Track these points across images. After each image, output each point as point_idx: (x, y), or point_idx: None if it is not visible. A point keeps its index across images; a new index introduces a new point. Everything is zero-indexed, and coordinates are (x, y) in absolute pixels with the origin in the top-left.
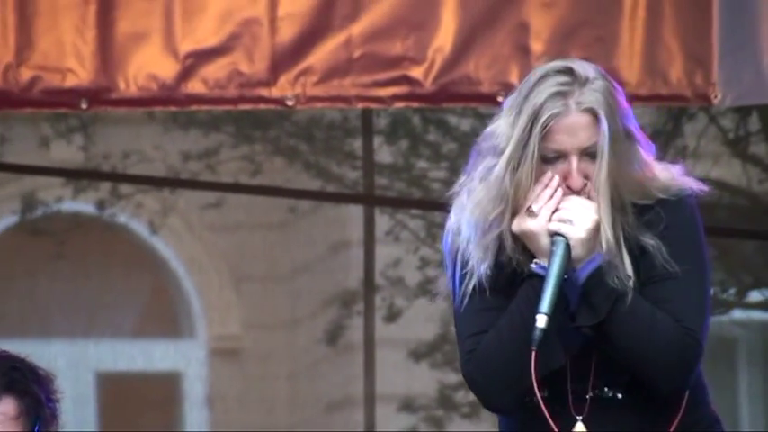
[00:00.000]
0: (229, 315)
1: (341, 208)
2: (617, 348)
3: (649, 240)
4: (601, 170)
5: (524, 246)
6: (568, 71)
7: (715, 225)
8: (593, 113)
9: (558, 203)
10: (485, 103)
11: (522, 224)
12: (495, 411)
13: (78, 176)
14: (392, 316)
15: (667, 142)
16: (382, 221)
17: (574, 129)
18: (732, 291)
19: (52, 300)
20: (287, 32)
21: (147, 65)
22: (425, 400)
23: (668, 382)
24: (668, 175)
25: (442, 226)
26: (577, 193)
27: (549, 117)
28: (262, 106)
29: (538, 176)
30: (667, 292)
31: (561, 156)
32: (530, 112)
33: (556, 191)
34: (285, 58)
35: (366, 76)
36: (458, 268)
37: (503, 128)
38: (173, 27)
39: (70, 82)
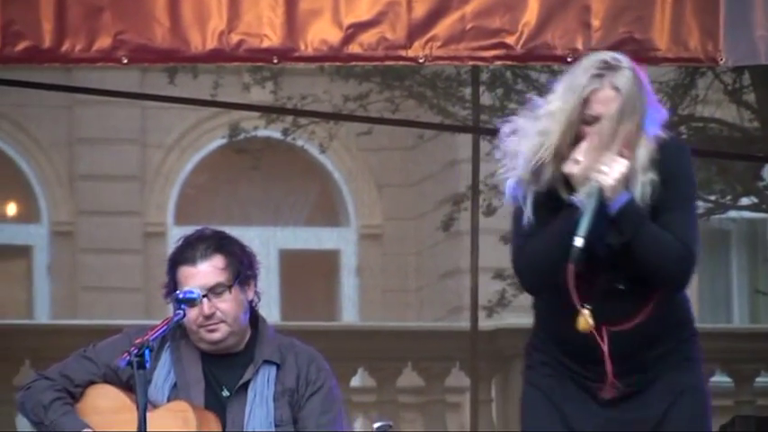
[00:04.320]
0: (375, 210)
1: (455, 136)
2: (637, 258)
3: (655, 178)
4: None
5: (566, 182)
6: (605, 62)
7: (718, 150)
8: (619, 90)
9: (598, 157)
10: (557, 62)
11: (570, 167)
12: (529, 292)
13: (269, 111)
14: (490, 212)
15: (685, 91)
16: (484, 145)
17: (606, 100)
18: (729, 197)
19: (250, 198)
20: (419, 11)
21: (320, 33)
22: (511, 271)
23: (672, 282)
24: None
25: None
26: None
27: (590, 91)
28: (401, 63)
29: (578, 134)
30: (672, 218)
31: (597, 119)
32: (577, 89)
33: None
34: (418, 29)
35: (475, 42)
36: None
37: (556, 100)
38: (339, 6)
39: (266, 44)
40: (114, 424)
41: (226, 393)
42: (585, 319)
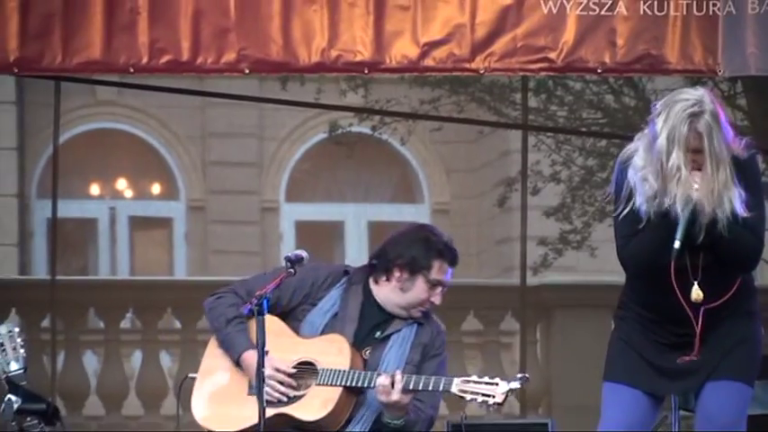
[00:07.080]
0: (443, 191)
1: (508, 132)
2: (720, 251)
3: (739, 193)
4: (706, 160)
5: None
6: (692, 114)
7: None
8: (700, 133)
9: (691, 177)
10: (589, 73)
11: (695, 194)
12: (634, 277)
13: (361, 111)
14: (535, 191)
15: None
16: (531, 139)
17: (688, 141)
18: None
19: (345, 181)
20: (481, 32)
21: (402, 49)
22: (552, 238)
23: (745, 268)
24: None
25: (564, 142)
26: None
27: (682, 135)
28: (465, 73)
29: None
30: (749, 218)
31: (699, 151)
32: (672, 132)
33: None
34: (479, 47)
35: (524, 57)
36: (622, 192)
37: (662, 137)
38: (416, 28)
39: (358, 58)
40: (275, 345)
41: (378, 334)
42: (697, 291)
